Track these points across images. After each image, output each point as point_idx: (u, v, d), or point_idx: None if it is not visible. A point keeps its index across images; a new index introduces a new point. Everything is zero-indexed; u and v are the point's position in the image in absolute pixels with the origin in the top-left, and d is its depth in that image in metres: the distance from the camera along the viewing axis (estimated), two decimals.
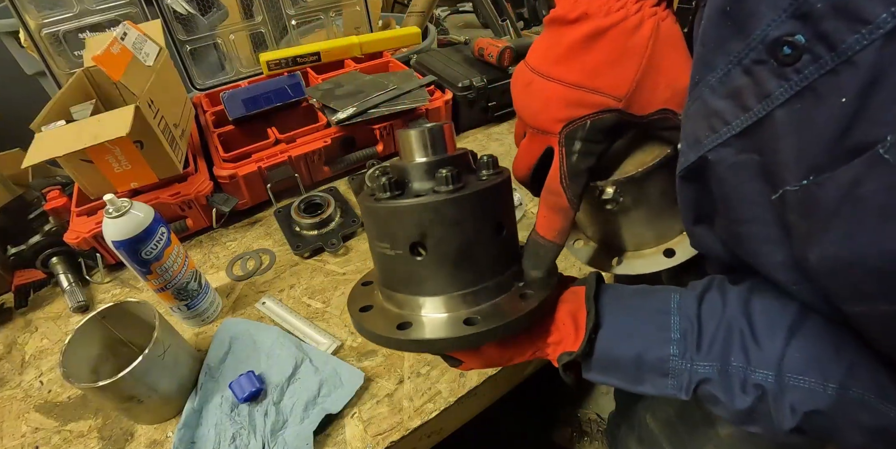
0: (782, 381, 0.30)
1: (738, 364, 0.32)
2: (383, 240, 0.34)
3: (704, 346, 0.33)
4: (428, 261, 0.33)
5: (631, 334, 0.36)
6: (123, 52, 0.74)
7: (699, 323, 0.34)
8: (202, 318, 0.70)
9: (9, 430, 0.61)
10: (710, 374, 0.33)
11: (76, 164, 0.70)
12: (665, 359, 0.34)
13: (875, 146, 0.21)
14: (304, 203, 0.85)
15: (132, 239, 0.57)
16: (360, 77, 1.02)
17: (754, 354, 0.32)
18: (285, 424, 0.57)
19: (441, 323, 0.34)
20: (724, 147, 0.30)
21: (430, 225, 0.32)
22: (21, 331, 0.74)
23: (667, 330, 0.34)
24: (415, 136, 0.35)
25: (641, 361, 0.35)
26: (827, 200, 0.24)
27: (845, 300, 0.26)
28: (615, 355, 0.36)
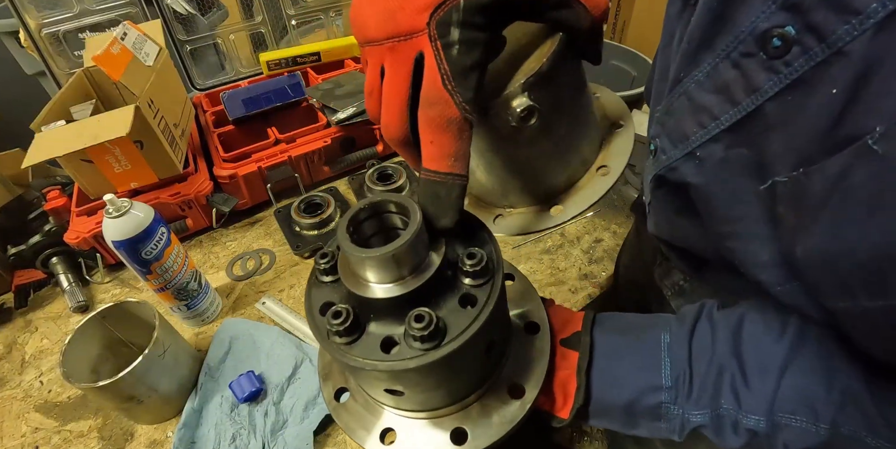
0: (774, 421, 0.30)
1: (728, 407, 0.32)
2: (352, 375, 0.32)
3: (695, 391, 0.33)
4: (408, 398, 0.30)
5: (623, 382, 0.36)
6: (123, 52, 0.74)
7: (690, 367, 0.34)
8: (202, 318, 0.70)
9: (9, 430, 0.61)
10: (703, 420, 0.33)
11: (76, 164, 0.70)
12: (657, 405, 0.34)
13: (864, 137, 0.21)
14: (304, 203, 0.85)
15: (132, 239, 0.57)
16: (360, 77, 1.02)
17: (745, 397, 0.32)
18: (285, 424, 0.57)
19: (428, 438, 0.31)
20: (714, 143, 0.30)
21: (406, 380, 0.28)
22: (21, 331, 0.74)
23: (658, 376, 0.34)
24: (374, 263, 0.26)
25: (634, 407, 0.35)
26: (815, 192, 0.24)
27: (830, 296, 0.26)
28: (607, 403, 0.36)
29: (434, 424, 0.32)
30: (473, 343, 0.27)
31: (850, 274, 0.23)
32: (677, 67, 0.31)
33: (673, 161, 0.33)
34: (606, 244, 0.81)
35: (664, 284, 0.53)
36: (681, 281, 0.50)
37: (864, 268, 0.22)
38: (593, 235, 0.83)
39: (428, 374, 0.27)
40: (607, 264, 0.78)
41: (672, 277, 0.51)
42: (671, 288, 0.52)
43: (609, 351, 0.37)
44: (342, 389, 0.35)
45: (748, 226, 0.30)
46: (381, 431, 0.32)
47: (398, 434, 0.32)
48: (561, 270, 0.77)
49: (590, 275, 0.76)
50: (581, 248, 0.81)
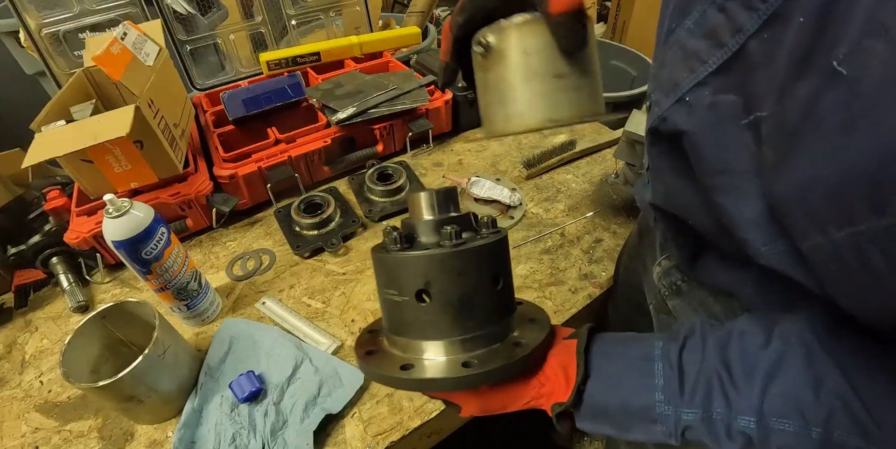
0: (765, 425, 0.31)
1: (720, 410, 0.32)
2: (391, 287, 0.37)
3: (687, 392, 0.34)
4: (431, 307, 0.36)
5: (617, 383, 0.36)
6: (123, 52, 0.74)
7: (681, 369, 0.35)
8: (202, 318, 0.70)
9: (9, 430, 0.61)
10: (695, 421, 0.33)
11: (76, 164, 0.70)
12: (650, 406, 0.34)
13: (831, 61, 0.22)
14: (304, 203, 0.85)
15: (132, 239, 0.57)
16: (360, 77, 1.02)
17: (735, 399, 0.32)
18: (285, 424, 0.57)
19: (441, 365, 0.36)
20: (701, 87, 0.31)
21: (435, 274, 0.35)
22: (21, 331, 0.74)
23: (651, 377, 0.35)
24: (424, 197, 0.38)
25: (628, 408, 0.35)
26: (790, 122, 0.25)
27: (805, 236, 0.26)
28: (603, 403, 0.36)
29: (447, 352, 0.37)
30: (483, 254, 0.36)
31: (820, 204, 0.24)
32: (669, 20, 0.33)
33: (664, 110, 0.34)
34: (606, 244, 0.81)
35: (662, 284, 0.53)
36: (678, 281, 0.51)
37: (832, 195, 0.23)
38: (593, 235, 0.83)
39: (455, 272, 0.35)
40: (607, 264, 0.78)
41: (670, 277, 0.52)
42: (669, 288, 0.52)
43: (603, 353, 0.38)
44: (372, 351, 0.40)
45: (736, 177, 0.31)
46: (402, 365, 0.37)
47: (416, 364, 0.37)
48: (561, 270, 0.77)
49: (590, 275, 0.76)
50: (581, 248, 0.81)
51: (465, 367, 0.35)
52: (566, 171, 0.97)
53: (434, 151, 1.04)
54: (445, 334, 0.37)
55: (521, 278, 0.76)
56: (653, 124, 0.37)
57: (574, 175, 0.96)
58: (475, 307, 0.36)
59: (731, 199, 0.32)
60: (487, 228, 0.39)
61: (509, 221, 0.85)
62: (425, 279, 0.35)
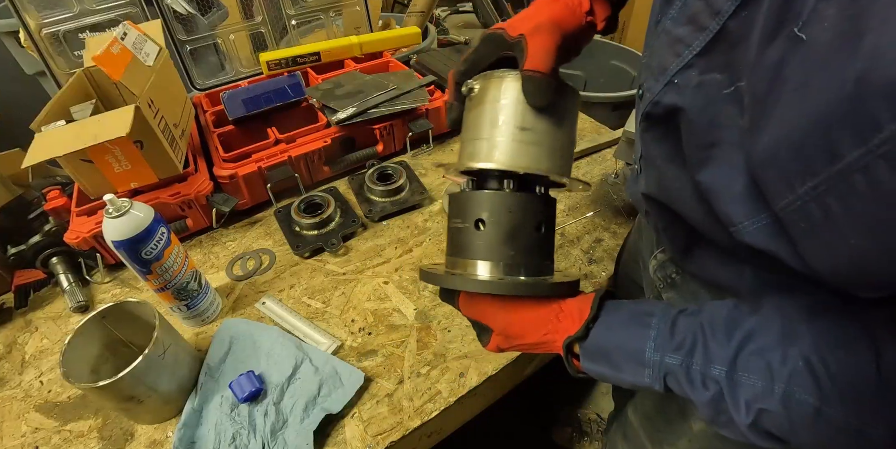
0: (734, 377, 0.33)
1: (699, 359, 0.35)
2: (457, 217, 0.44)
3: (675, 342, 0.37)
4: (485, 233, 0.43)
5: (619, 328, 0.40)
6: (123, 52, 0.74)
7: (673, 324, 0.38)
8: (202, 318, 0.70)
9: (9, 430, 0.61)
10: (676, 366, 0.36)
11: (76, 164, 0.70)
12: (642, 351, 0.38)
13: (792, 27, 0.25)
14: (304, 203, 0.85)
15: (132, 239, 0.57)
16: (360, 77, 1.02)
17: (713, 350, 0.35)
18: (285, 424, 0.57)
19: (485, 277, 0.43)
20: (688, 69, 0.34)
21: (491, 208, 0.42)
22: (21, 331, 0.74)
23: (647, 327, 0.39)
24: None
25: (623, 350, 0.39)
26: (761, 87, 0.27)
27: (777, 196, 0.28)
28: (604, 344, 0.40)
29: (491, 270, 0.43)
30: (530, 202, 0.43)
31: (787, 161, 0.26)
32: (656, 11, 0.37)
33: (656, 94, 0.37)
34: (606, 244, 0.81)
35: (657, 277, 0.55)
36: (672, 274, 0.52)
37: (796, 150, 0.26)
38: (593, 235, 0.83)
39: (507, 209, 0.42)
40: (607, 264, 0.78)
41: (665, 270, 0.53)
42: (664, 280, 0.54)
43: (615, 305, 0.42)
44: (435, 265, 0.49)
45: (724, 149, 0.33)
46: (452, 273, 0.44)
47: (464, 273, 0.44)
48: (561, 271, 0.77)
49: (590, 275, 0.76)
50: (581, 248, 0.81)
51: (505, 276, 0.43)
52: None
53: (434, 151, 1.04)
54: (492, 257, 0.43)
55: None
56: (646, 109, 0.39)
57: (574, 175, 0.96)
58: (519, 240, 0.43)
59: (719, 172, 0.34)
60: (541, 188, 0.45)
61: None
62: (484, 211, 0.43)
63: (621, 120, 0.89)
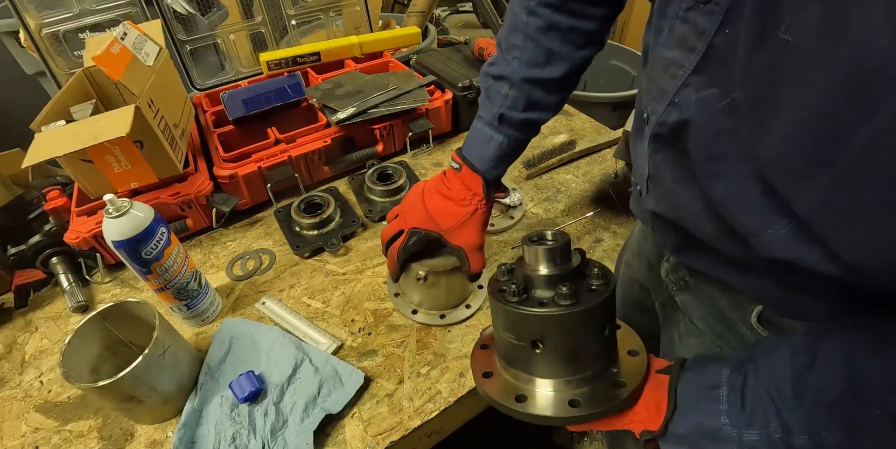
0: (818, 440, 0.32)
1: (776, 429, 0.34)
2: (510, 332, 0.42)
3: (747, 413, 0.36)
4: (544, 354, 0.41)
5: (691, 409, 0.39)
6: (123, 52, 0.74)
7: (742, 393, 0.37)
8: (202, 318, 0.70)
9: (9, 430, 0.61)
10: (758, 441, 0.35)
11: (76, 164, 0.70)
12: (718, 428, 0.37)
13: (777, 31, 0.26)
14: (304, 203, 0.85)
15: (132, 239, 0.57)
16: (360, 77, 1.02)
17: (788, 418, 0.34)
18: (285, 424, 0.57)
19: (550, 401, 0.42)
20: (686, 87, 0.35)
21: (549, 330, 0.40)
22: (21, 331, 0.74)
23: (717, 402, 0.37)
24: (542, 253, 0.41)
25: (701, 431, 0.38)
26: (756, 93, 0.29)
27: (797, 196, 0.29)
28: (680, 432, 0.39)
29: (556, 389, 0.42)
30: (592, 313, 0.39)
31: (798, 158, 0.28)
32: (650, 39, 0.40)
33: (660, 115, 0.39)
34: (606, 244, 0.81)
35: (670, 280, 0.54)
36: (686, 276, 0.52)
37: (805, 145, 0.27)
38: (593, 235, 0.83)
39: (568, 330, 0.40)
40: (607, 264, 0.78)
41: (678, 273, 0.53)
42: (676, 283, 0.53)
43: (682, 384, 0.41)
44: (488, 373, 0.46)
45: (731, 162, 0.34)
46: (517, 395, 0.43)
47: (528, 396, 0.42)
48: None
49: None
50: (581, 248, 0.81)
51: (571, 405, 0.41)
52: (566, 171, 0.97)
53: (434, 151, 1.04)
54: (555, 374, 0.42)
55: None
56: (653, 131, 0.40)
57: (574, 175, 0.96)
58: (582, 355, 0.42)
59: (731, 184, 0.35)
60: (598, 280, 0.41)
61: (509, 221, 0.85)
62: (541, 333, 0.41)
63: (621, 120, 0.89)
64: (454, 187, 0.62)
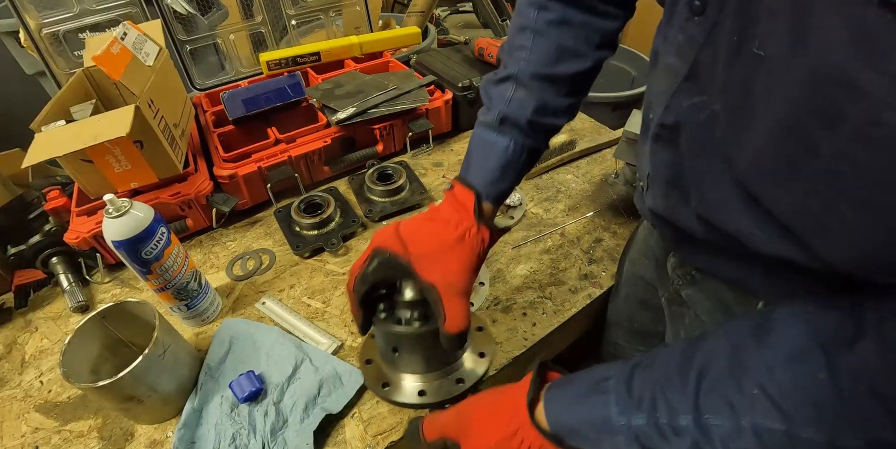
0: (701, 422, 0.32)
1: (663, 413, 0.33)
2: (379, 337, 0.58)
3: (635, 399, 0.35)
4: (401, 357, 0.56)
5: (579, 402, 0.38)
6: (123, 52, 0.74)
7: (628, 381, 0.36)
8: (202, 318, 0.70)
9: (9, 430, 0.61)
10: (645, 427, 0.34)
11: (76, 164, 0.70)
12: (608, 417, 0.36)
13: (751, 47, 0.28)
14: (304, 203, 0.85)
15: (132, 239, 0.57)
16: (360, 77, 1.02)
17: (673, 399, 0.33)
18: (285, 424, 0.57)
19: (405, 390, 0.57)
20: (679, 93, 0.37)
21: (403, 342, 0.54)
22: (21, 331, 0.74)
23: (606, 393, 0.37)
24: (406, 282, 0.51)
25: (591, 423, 0.37)
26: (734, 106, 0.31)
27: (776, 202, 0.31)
28: (571, 424, 0.38)
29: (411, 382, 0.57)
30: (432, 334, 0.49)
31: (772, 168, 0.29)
32: (658, 44, 0.42)
33: (659, 116, 0.40)
34: (606, 244, 0.81)
35: (676, 274, 0.54)
36: (692, 271, 0.52)
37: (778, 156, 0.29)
38: (593, 235, 0.83)
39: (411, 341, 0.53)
40: (607, 264, 0.78)
41: (685, 267, 0.53)
42: (683, 277, 0.53)
43: (567, 379, 0.41)
44: (370, 360, 0.61)
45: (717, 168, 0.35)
46: (382, 383, 0.58)
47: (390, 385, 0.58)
48: (561, 270, 0.77)
49: (590, 275, 0.76)
50: (581, 248, 0.81)
51: (420, 395, 0.56)
52: (566, 171, 0.97)
53: (434, 151, 1.04)
54: (411, 371, 0.57)
55: (521, 278, 0.76)
56: (654, 132, 0.42)
57: (574, 175, 0.96)
58: (430, 359, 0.55)
59: (716, 189, 0.36)
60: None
61: (509, 221, 0.85)
62: (396, 342, 0.54)
63: (621, 120, 0.89)
64: (442, 209, 0.50)
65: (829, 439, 0.27)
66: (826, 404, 0.28)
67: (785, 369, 0.29)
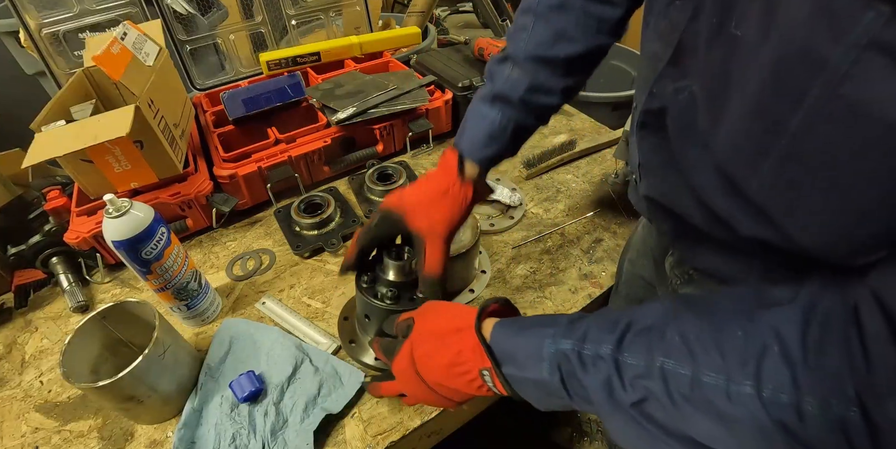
0: (619, 358, 0.33)
1: (590, 344, 0.35)
2: (358, 302, 0.63)
3: (571, 333, 0.37)
4: (369, 323, 0.61)
5: (527, 328, 0.40)
6: (123, 52, 0.74)
7: (575, 321, 0.38)
8: (202, 318, 0.70)
9: (9, 430, 0.61)
10: (569, 351, 0.36)
11: (76, 164, 0.70)
12: (541, 346, 0.37)
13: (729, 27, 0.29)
14: (304, 203, 0.85)
15: (132, 239, 0.57)
16: (360, 77, 1.02)
17: (602, 336, 0.35)
18: (285, 424, 0.57)
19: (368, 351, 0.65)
20: (662, 78, 0.39)
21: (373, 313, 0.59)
22: (21, 331, 0.74)
23: (552, 326, 0.38)
24: (392, 265, 0.57)
25: (526, 348, 0.38)
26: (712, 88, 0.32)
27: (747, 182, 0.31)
28: (508, 347, 0.40)
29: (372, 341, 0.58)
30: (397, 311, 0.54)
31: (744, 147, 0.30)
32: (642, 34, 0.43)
33: (643, 104, 0.42)
34: (606, 244, 0.81)
35: (674, 274, 0.54)
36: (690, 270, 0.52)
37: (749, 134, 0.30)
38: (593, 235, 0.83)
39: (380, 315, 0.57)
40: (607, 264, 0.78)
41: (683, 267, 0.53)
42: (681, 277, 0.53)
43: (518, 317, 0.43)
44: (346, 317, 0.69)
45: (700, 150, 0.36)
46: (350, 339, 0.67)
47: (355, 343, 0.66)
48: (561, 270, 0.77)
49: (590, 275, 0.76)
50: (581, 248, 0.81)
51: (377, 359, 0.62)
52: (566, 171, 0.97)
53: (434, 151, 1.04)
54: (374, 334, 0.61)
55: (521, 278, 0.76)
56: (639, 119, 0.43)
57: (574, 175, 0.96)
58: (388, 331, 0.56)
59: (701, 172, 0.37)
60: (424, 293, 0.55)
61: (509, 221, 0.85)
62: (368, 312, 0.60)
63: (621, 120, 0.89)
64: (433, 170, 0.57)
65: (724, 382, 0.28)
66: (732, 353, 0.29)
67: (710, 324, 0.31)
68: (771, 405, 0.26)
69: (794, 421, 0.26)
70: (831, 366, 0.25)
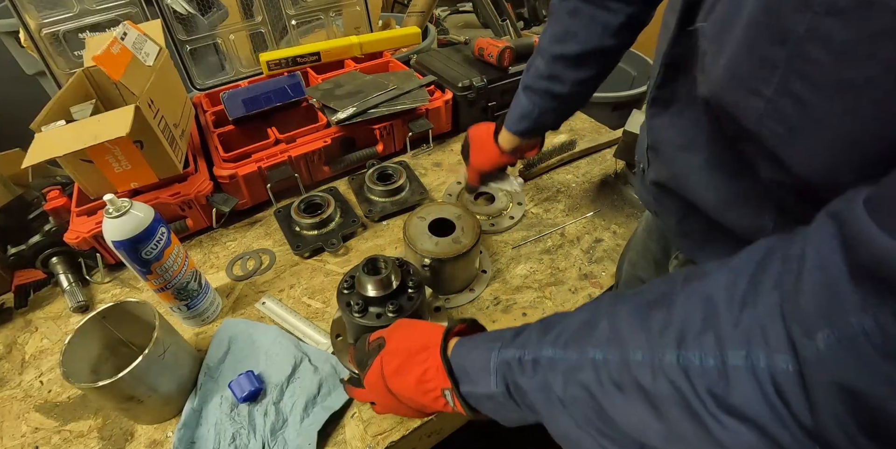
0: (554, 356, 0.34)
1: (530, 348, 0.36)
2: (351, 331, 0.62)
3: (516, 339, 0.38)
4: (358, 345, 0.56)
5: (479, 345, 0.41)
6: (123, 52, 0.74)
7: (519, 333, 0.39)
8: (202, 318, 0.70)
9: (9, 430, 0.61)
10: (512, 358, 0.36)
11: (76, 164, 0.70)
12: (489, 359, 0.38)
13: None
14: (304, 203, 0.85)
15: (132, 239, 0.57)
16: (360, 77, 1.02)
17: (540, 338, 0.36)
18: (285, 424, 0.57)
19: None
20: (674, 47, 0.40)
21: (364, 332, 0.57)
22: (21, 331, 0.74)
23: (499, 340, 0.39)
24: (373, 281, 0.57)
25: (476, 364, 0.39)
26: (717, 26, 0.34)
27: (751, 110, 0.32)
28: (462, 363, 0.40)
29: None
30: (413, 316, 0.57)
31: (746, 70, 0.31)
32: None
33: (656, 78, 0.43)
34: (606, 244, 0.81)
35: None
36: None
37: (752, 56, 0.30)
38: (593, 235, 0.83)
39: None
40: (607, 264, 0.78)
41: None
42: None
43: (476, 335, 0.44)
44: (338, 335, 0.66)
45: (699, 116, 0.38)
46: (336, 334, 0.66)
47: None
48: (561, 270, 0.77)
49: (590, 275, 0.76)
50: (581, 248, 0.81)
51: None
52: (566, 171, 0.97)
53: (434, 151, 1.04)
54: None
55: (521, 278, 0.76)
56: (651, 95, 0.45)
57: (574, 175, 0.96)
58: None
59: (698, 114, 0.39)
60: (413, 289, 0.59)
61: (509, 221, 0.85)
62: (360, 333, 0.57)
63: (621, 120, 0.89)
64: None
65: (649, 357, 0.28)
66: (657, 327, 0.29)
67: (637, 307, 0.31)
68: (694, 371, 0.25)
69: (721, 386, 0.24)
70: (760, 313, 0.24)
